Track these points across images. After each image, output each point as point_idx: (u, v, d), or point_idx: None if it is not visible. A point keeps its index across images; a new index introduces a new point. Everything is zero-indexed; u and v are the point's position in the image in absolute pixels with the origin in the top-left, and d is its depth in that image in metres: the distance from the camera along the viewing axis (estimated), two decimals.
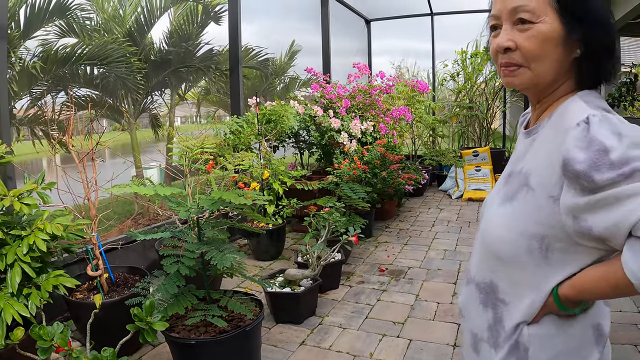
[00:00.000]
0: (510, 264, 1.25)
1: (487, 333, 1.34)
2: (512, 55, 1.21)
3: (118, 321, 2.86)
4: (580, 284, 1.16)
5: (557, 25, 1.16)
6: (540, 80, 1.22)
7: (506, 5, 1.21)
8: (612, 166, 1.02)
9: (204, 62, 10.12)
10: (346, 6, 10.37)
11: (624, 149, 1.02)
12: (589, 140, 1.05)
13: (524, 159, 1.30)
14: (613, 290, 1.11)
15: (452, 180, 9.65)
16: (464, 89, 10.26)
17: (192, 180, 3.56)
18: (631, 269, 1.02)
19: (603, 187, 1.03)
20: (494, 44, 1.24)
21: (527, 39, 1.18)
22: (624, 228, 1.02)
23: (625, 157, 1.02)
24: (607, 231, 1.05)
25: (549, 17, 1.16)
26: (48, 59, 7.62)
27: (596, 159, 1.03)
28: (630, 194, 1.00)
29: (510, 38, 1.20)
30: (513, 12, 1.19)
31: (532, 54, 1.18)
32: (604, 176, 1.02)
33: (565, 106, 1.21)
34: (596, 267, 1.15)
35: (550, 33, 1.16)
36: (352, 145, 6.57)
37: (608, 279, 1.10)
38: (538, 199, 1.19)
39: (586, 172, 1.04)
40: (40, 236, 2.77)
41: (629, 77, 7.57)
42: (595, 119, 1.08)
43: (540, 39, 1.17)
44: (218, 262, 2.84)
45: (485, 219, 1.38)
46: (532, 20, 1.17)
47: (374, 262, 5.41)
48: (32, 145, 7.65)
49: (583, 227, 1.09)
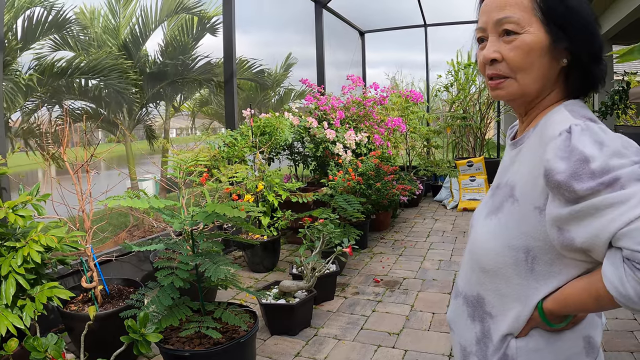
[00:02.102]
0: (497, 277, 1.25)
1: (475, 347, 1.33)
2: (499, 67, 1.22)
3: (112, 333, 2.87)
4: (564, 297, 1.15)
5: (542, 36, 1.17)
6: (526, 90, 1.22)
7: (491, 17, 1.22)
8: (593, 175, 1.01)
9: (199, 74, 10.15)
10: (340, 18, 10.43)
11: (604, 158, 1.02)
12: (570, 150, 1.05)
13: (509, 171, 1.29)
14: (595, 303, 1.09)
15: (447, 191, 9.67)
16: (457, 99, 10.33)
17: (187, 192, 3.57)
18: (611, 280, 1.00)
19: (584, 197, 1.02)
20: (481, 56, 1.25)
21: (512, 50, 1.19)
22: (604, 238, 1.00)
23: (606, 166, 1.01)
24: (588, 242, 1.04)
25: (533, 28, 1.17)
26: (45, 71, 7.64)
27: (576, 168, 1.02)
28: (611, 204, 0.99)
29: (496, 49, 1.21)
30: (498, 24, 1.20)
31: (517, 64, 1.19)
32: (585, 186, 1.01)
33: (550, 116, 1.20)
34: (579, 280, 1.14)
35: (535, 43, 1.17)
36: (346, 156, 6.59)
37: (590, 291, 1.09)
38: (523, 210, 1.18)
39: (566, 182, 1.03)
40: (35, 248, 2.77)
41: (621, 85, 7.60)
42: (577, 128, 1.07)
43: (526, 50, 1.17)
44: (212, 274, 2.85)
45: (472, 232, 1.38)
46: (517, 31, 1.18)
47: (369, 273, 5.42)
48: (27, 156, 7.65)
49: (567, 238, 1.07)
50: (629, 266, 0.97)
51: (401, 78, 13.03)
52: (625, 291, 0.98)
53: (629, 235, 0.96)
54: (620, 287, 0.99)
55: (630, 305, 0.99)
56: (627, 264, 0.98)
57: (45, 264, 3.08)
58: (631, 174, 1.00)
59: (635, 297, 0.97)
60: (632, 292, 0.97)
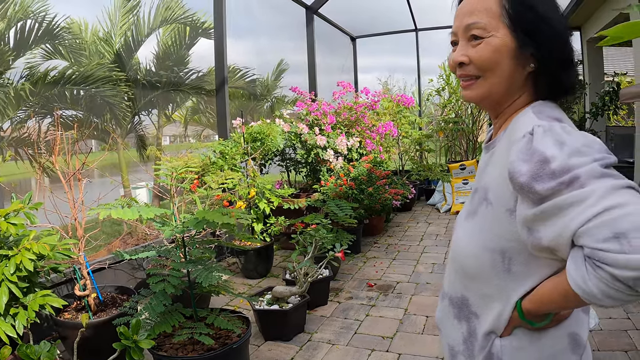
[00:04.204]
0: (477, 278, 1.28)
1: (462, 346, 1.35)
2: (467, 68, 1.26)
3: (106, 341, 2.86)
4: (538, 297, 1.17)
5: (509, 40, 1.20)
6: (494, 90, 1.25)
7: (462, 22, 1.26)
8: (553, 175, 1.02)
9: (191, 82, 10.15)
10: (331, 24, 10.48)
11: (564, 157, 1.03)
12: (532, 152, 1.07)
13: (484, 174, 1.32)
14: (564, 301, 1.11)
15: (440, 194, 9.70)
16: (449, 103, 10.38)
17: (178, 200, 3.58)
18: (574, 279, 1.01)
19: (547, 197, 1.03)
20: (451, 59, 1.30)
21: (477, 51, 1.22)
22: (566, 237, 1.01)
23: (566, 166, 1.02)
24: (554, 241, 1.05)
25: (499, 33, 1.20)
26: (37, 81, 7.63)
27: (537, 169, 1.04)
28: (570, 203, 1.00)
29: (464, 53, 1.25)
30: (467, 29, 1.24)
31: (483, 63, 1.22)
32: (545, 186, 1.02)
33: (517, 119, 1.23)
34: (549, 280, 1.16)
35: (500, 46, 1.20)
36: (338, 162, 6.61)
37: (559, 290, 1.10)
38: (496, 212, 1.20)
39: (528, 184, 1.05)
40: (28, 256, 2.78)
41: (612, 86, 7.63)
42: (540, 129, 1.09)
43: (490, 50, 1.21)
44: (203, 281, 2.86)
45: (454, 234, 1.41)
46: (482, 36, 1.22)
47: (363, 277, 5.43)
48: (17, 166, 7.64)
49: (535, 238, 1.09)
50: (589, 264, 0.98)
51: (393, 83, 13.07)
52: (589, 289, 0.98)
53: (588, 234, 0.97)
54: (583, 285, 0.99)
55: (595, 302, 1.00)
56: (588, 262, 0.98)
57: (38, 272, 3.08)
58: (590, 172, 1.00)
59: (598, 294, 0.97)
60: (595, 289, 0.98)
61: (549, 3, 1.23)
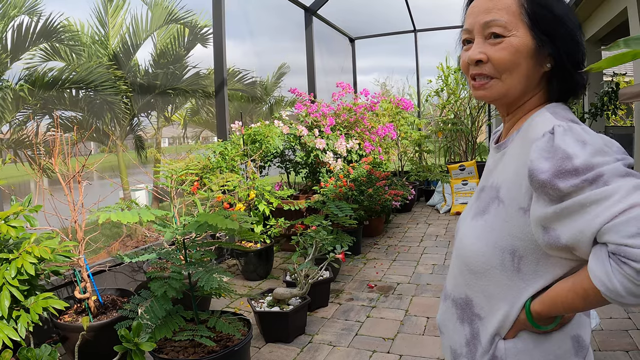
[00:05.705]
0: (484, 278, 1.26)
1: (465, 349, 1.34)
2: (484, 67, 1.24)
3: (106, 343, 2.86)
4: (550, 299, 1.16)
5: (528, 40, 1.19)
6: (510, 91, 1.24)
7: (478, 19, 1.24)
8: (576, 173, 1.02)
9: (190, 84, 10.14)
10: (330, 25, 10.48)
11: (587, 156, 1.03)
12: (554, 150, 1.07)
13: (494, 173, 1.32)
14: (583, 302, 1.09)
15: (439, 195, 9.70)
16: (448, 104, 10.38)
17: (179, 202, 3.57)
18: (598, 276, 1.00)
19: (568, 195, 1.03)
20: (465, 57, 1.27)
21: (498, 51, 1.21)
22: (589, 234, 1.01)
23: (589, 164, 1.02)
24: (573, 239, 1.04)
25: (520, 32, 1.19)
26: (35, 82, 7.63)
27: (559, 166, 1.04)
28: (594, 200, 1.00)
29: (482, 51, 1.23)
30: (485, 27, 1.23)
31: (503, 65, 1.21)
32: (568, 183, 1.03)
33: (533, 118, 1.23)
34: (565, 280, 1.14)
35: (521, 46, 1.19)
36: (337, 164, 6.60)
37: (577, 290, 1.09)
38: (508, 211, 1.20)
39: (550, 181, 1.05)
40: (28, 259, 2.77)
41: (611, 87, 7.61)
42: (560, 129, 1.09)
43: (512, 51, 1.20)
44: (204, 283, 2.86)
45: (459, 234, 1.39)
46: (503, 34, 1.20)
47: (363, 279, 5.43)
48: (17, 168, 7.63)
49: (552, 236, 1.08)
50: (614, 260, 0.97)
51: (392, 84, 13.08)
52: (613, 286, 0.98)
53: (614, 230, 0.97)
54: (607, 282, 0.99)
55: (618, 300, 0.99)
56: (612, 259, 0.98)
57: (39, 275, 3.08)
58: (614, 170, 1.01)
59: (622, 291, 0.97)
60: (619, 286, 0.97)
61: (563, 3, 1.23)
